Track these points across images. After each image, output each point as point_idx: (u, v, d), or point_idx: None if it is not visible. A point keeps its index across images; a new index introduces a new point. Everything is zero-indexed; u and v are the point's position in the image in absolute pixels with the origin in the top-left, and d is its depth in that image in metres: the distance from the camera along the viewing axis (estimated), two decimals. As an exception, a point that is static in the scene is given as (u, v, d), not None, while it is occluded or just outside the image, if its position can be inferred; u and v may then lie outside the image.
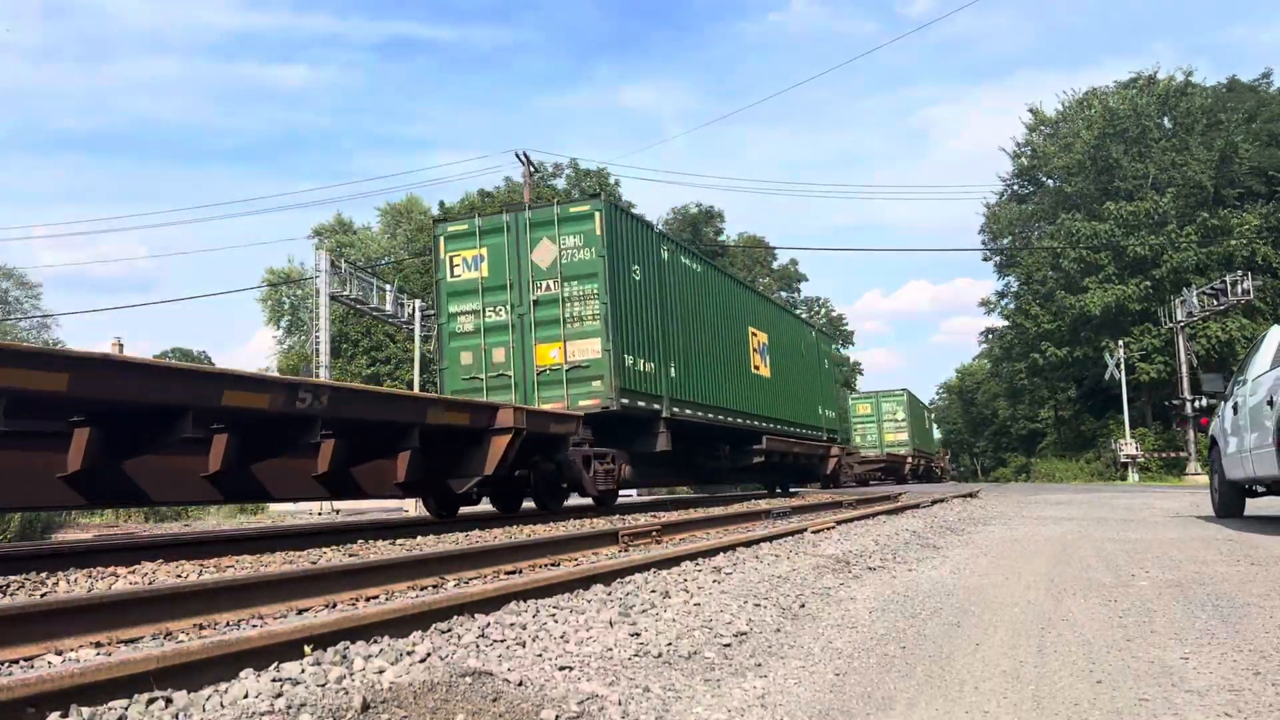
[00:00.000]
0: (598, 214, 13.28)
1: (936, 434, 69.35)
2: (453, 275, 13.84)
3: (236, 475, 7.36)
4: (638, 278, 14.07)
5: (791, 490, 25.29)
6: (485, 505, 18.74)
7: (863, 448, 43.56)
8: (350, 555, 6.70)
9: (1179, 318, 37.70)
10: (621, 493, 31.29)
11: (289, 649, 2.94)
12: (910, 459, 45.38)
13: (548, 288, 13.31)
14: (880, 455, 42.77)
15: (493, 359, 13.47)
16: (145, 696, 2.43)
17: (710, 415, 16.48)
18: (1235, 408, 9.26)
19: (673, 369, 14.92)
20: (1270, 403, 7.81)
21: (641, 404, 13.64)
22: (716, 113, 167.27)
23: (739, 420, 18.04)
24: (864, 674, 2.94)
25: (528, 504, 17.87)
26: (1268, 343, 8.96)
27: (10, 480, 5.94)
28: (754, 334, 19.92)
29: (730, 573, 5.42)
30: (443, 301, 13.90)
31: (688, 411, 15.35)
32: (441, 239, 14.09)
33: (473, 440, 9.56)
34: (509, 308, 13.48)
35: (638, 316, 13.99)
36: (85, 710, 2.32)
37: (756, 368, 19.71)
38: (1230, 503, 9.85)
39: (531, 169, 34.76)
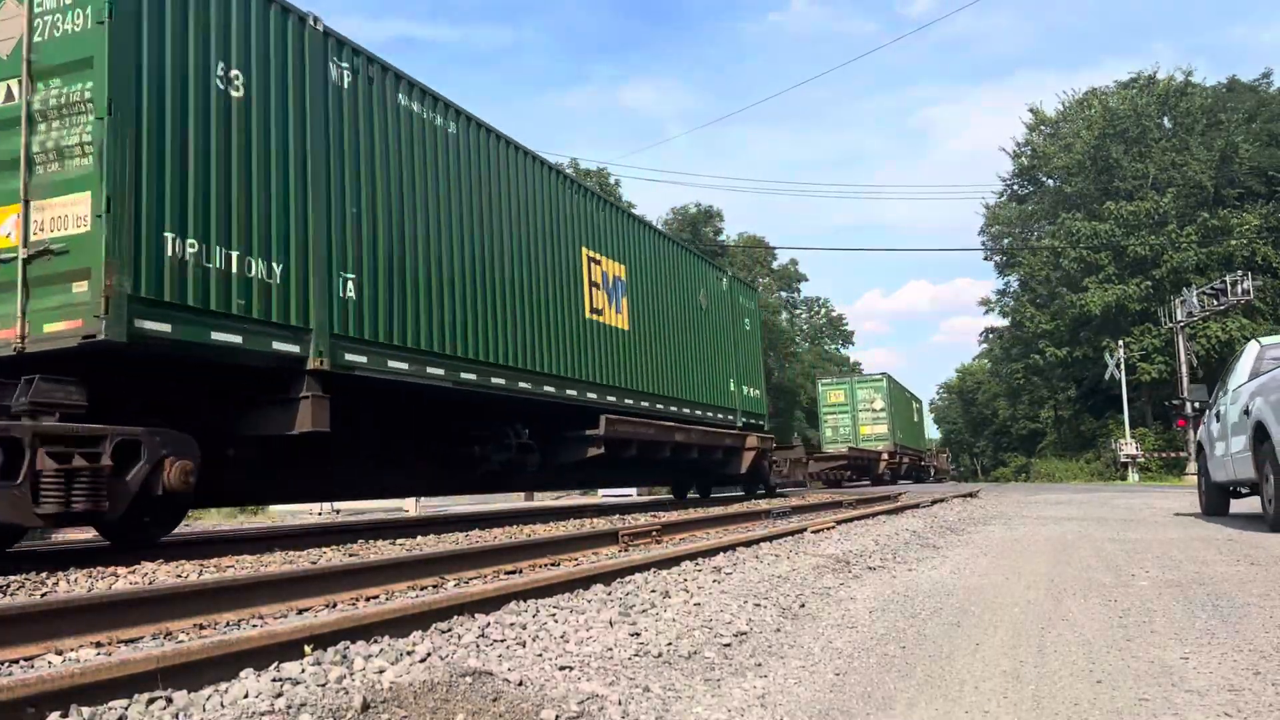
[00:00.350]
0: None
1: (933, 430, 68.12)
2: None
3: None
4: (238, 92, 7.29)
5: (714, 495, 19.88)
6: (479, 504, 18.60)
7: (834, 441, 37.37)
8: (350, 555, 6.70)
9: (1179, 318, 37.67)
10: (618, 493, 28.24)
11: (289, 649, 2.94)
12: (887, 456, 37.22)
13: (5, 96, 6.60)
14: (843, 451, 34.55)
15: None
16: (145, 696, 2.44)
17: (471, 376, 9.65)
18: (1218, 416, 9.93)
19: (350, 284, 8.17)
20: (1246, 412, 8.49)
21: (229, 340, 6.94)
22: (716, 113, 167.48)
23: (550, 389, 11.20)
24: (864, 674, 2.94)
25: (529, 502, 17.63)
26: (1246, 356, 9.63)
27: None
28: (596, 261, 12.97)
29: (730, 572, 5.42)
30: None
31: (397, 365, 8.59)
32: None
33: None
34: None
35: (233, 164, 7.17)
36: (85, 710, 2.32)
37: (598, 312, 12.83)
38: (1215, 503, 10.56)
39: (531, 169, 34.70)
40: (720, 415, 17.35)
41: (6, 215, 6.51)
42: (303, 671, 2.74)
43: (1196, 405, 11.47)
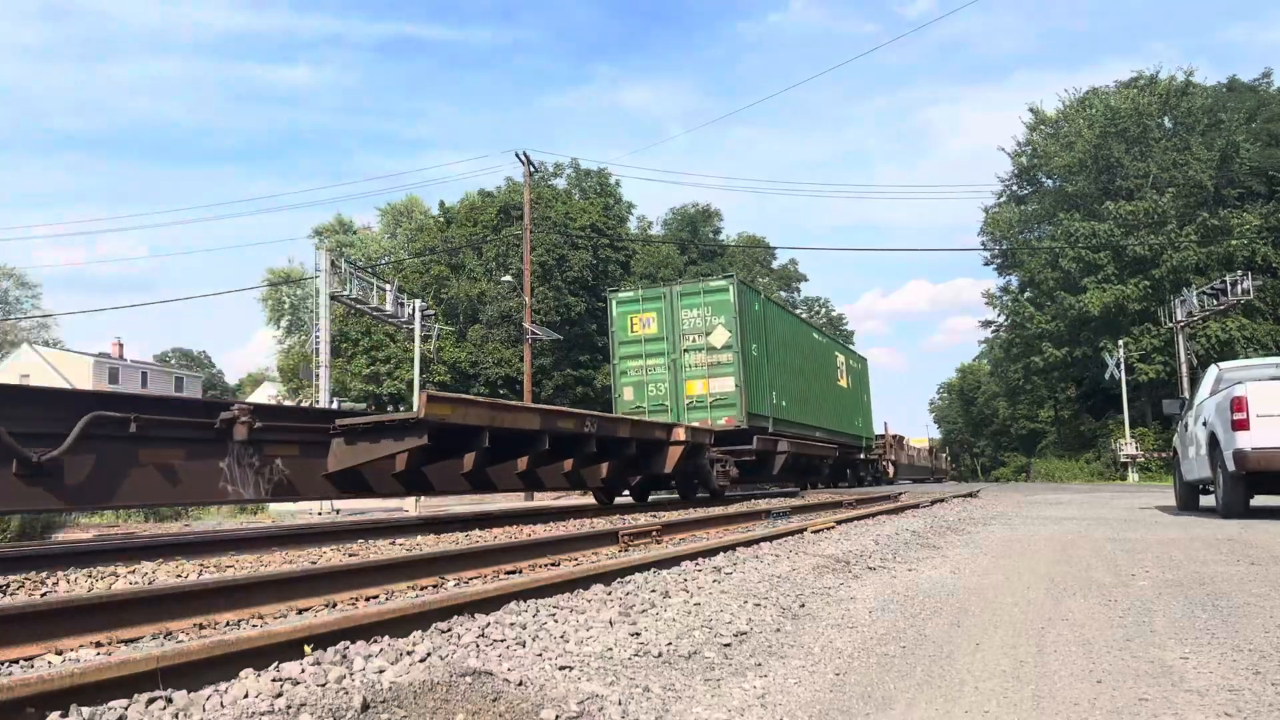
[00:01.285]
0: None
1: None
2: None
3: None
4: None
5: None
6: (479, 504, 18.67)
7: (637, 408, 18.57)
8: (350, 555, 6.69)
9: (1179, 318, 37.67)
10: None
11: (289, 649, 2.94)
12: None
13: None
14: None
15: None
16: (145, 696, 2.43)
17: None
18: (1187, 426, 11.71)
19: None
20: (1204, 423, 10.23)
21: None
22: (716, 113, 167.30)
23: None
24: (864, 673, 2.94)
25: (529, 502, 17.77)
26: (1208, 377, 11.27)
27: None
28: None
29: (730, 572, 5.42)
30: None
31: None
32: None
33: None
34: None
35: None
36: (85, 710, 2.32)
37: None
38: (1187, 498, 12.06)
39: (532, 169, 34.77)
40: None
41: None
42: (302, 671, 2.73)
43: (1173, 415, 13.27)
